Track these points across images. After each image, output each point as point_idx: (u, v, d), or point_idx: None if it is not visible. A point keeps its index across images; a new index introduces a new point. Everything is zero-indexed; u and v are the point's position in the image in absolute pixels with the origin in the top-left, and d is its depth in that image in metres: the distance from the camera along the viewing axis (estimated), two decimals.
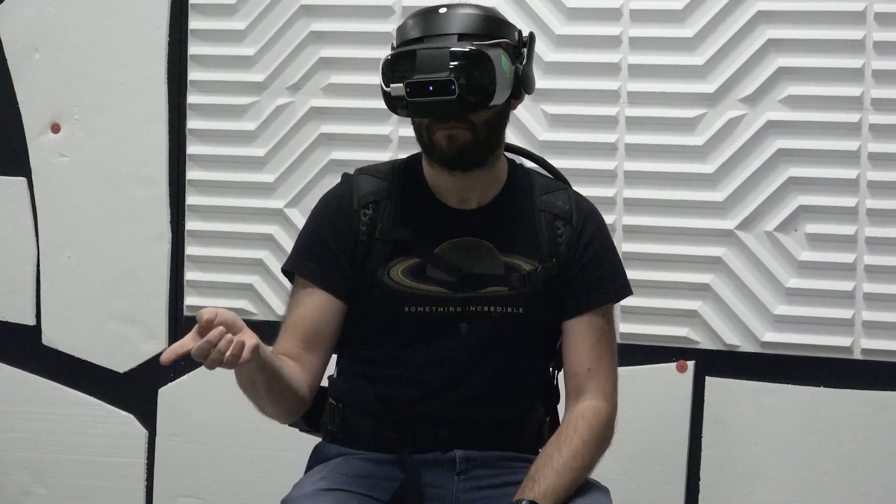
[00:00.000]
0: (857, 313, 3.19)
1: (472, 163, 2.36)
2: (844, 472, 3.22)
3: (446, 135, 2.32)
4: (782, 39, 3.20)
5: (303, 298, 2.42)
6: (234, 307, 3.51)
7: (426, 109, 2.30)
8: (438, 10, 2.36)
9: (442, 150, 2.34)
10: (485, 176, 2.42)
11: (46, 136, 3.70)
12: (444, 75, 2.24)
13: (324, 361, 2.44)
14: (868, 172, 3.17)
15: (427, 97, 2.26)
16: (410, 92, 2.26)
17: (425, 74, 2.26)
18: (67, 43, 3.68)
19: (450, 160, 2.35)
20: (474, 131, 2.33)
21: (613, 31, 3.31)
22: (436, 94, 2.25)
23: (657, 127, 3.29)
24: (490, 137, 2.36)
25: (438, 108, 2.28)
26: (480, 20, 2.35)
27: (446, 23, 2.33)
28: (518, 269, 2.41)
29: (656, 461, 3.32)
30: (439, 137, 2.33)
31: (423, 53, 2.27)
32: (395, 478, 2.38)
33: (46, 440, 3.73)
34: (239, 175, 3.58)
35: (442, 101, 2.26)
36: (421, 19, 2.36)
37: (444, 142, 2.33)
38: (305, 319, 2.40)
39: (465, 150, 2.33)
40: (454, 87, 2.24)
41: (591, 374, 2.42)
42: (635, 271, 3.07)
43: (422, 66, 2.26)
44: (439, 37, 2.31)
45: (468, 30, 2.33)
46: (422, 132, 2.36)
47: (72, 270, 3.70)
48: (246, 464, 3.59)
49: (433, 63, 2.26)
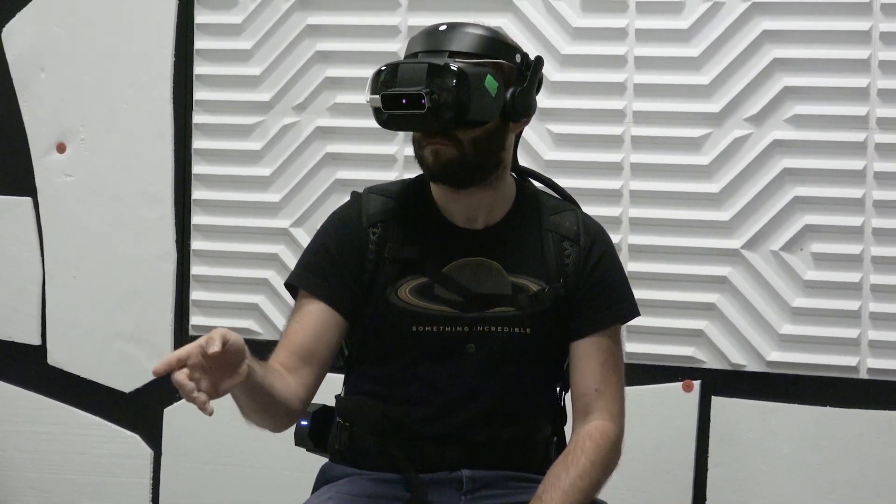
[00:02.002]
0: (863, 333, 3.19)
1: (459, 180, 2.36)
2: (851, 491, 3.21)
3: (432, 150, 2.33)
4: (788, 59, 3.21)
5: (304, 311, 2.41)
6: (239, 327, 3.54)
7: (398, 122, 2.33)
8: (439, 28, 2.37)
9: (428, 165, 2.35)
10: (490, 195, 2.42)
11: (52, 156, 3.71)
12: (417, 89, 2.25)
13: (319, 375, 2.41)
14: (874, 191, 3.18)
15: (399, 110, 2.28)
16: (385, 104, 2.28)
17: (400, 88, 2.27)
18: (73, 62, 3.69)
19: (434, 175, 2.36)
20: (460, 148, 2.32)
21: (619, 50, 3.32)
22: (408, 107, 2.27)
23: (663, 146, 3.29)
24: (478, 156, 2.34)
25: (409, 122, 2.31)
26: (476, 39, 2.35)
27: (442, 40, 2.34)
28: (526, 289, 2.40)
29: (662, 481, 3.31)
30: (426, 152, 2.34)
31: (404, 67, 2.29)
32: (402, 497, 2.37)
33: (52, 460, 3.73)
34: (244, 195, 3.59)
35: (412, 114, 2.27)
36: (421, 36, 2.38)
37: (430, 157, 2.34)
38: (304, 332, 2.38)
39: (450, 166, 2.33)
40: (424, 101, 2.25)
41: (599, 395, 2.41)
42: (641, 291, 3.05)
43: (400, 79, 2.28)
44: (432, 53, 2.33)
45: (461, 48, 2.33)
46: (414, 147, 2.39)
47: (77, 290, 3.70)
48: (252, 484, 3.58)
49: (410, 77, 2.27)
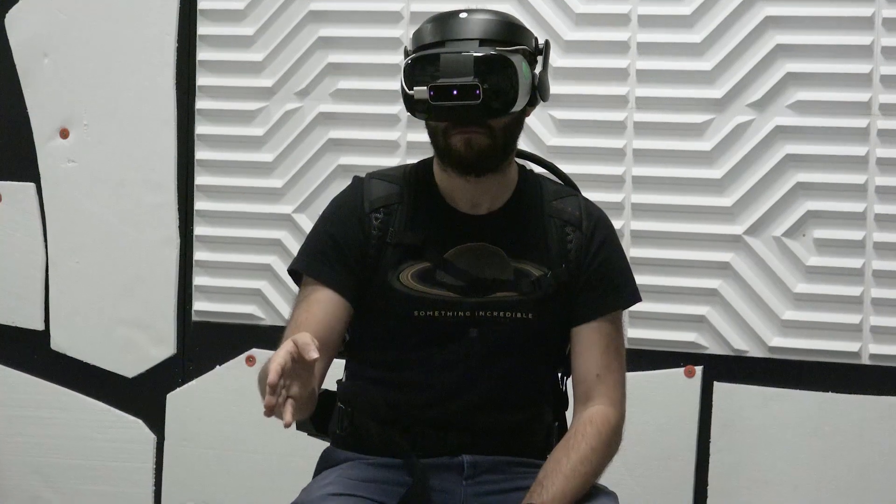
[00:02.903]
0: (864, 318, 3.19)
1: (488, 168, 2.36)
2: (853, 477, 3.21)
3: (464, 139, 2.32)
4: (790, 45, 3.20)
5: (310, 298, 2.41)
6: (242, 312, 3.56)
7: (449, 113, 2.29)
8: (459, 15, 2.35)
9: (459, 155, 2.33)
10: (497, 181, 2.42)
11: (55, 142, 3.71)
12: (469, 80, 2.24)
13: (329, 363, 2.42)
14: (876, 177, 3.18)
15: (451, 101, 2.26)
16: (434, 95, 2.26)
17: (450, 78, 2.25)
18: (76, 48, 3.68)
19: (466, 165, 2.34)
20: (492, 136, 2.33)
21: (622, 36, 3.31)
22: (460, 98, 2.25)
23: (665, 132, 3.29)
24: (506, 143, 2.36)
25: (462, 113, 2.28)
26: (501, 26, 2.35)
27: (468, 28, 2.33)
28: (528, 274, 2.41)
29: (664, 466, 3.32)
30: (457, 142, 2.32)
31: (448, 57, 2.27)
32: (403, 482, 2.38)
33: (55, 445, 3.74)
34: (247, 180, 3.59)
35: (466, 105, 2.26)
36: (441, 24, 2.36)
37: (461, 146, 2.32)
38: (315, 321, 2.37)
39: (483, 155, 2.33)
40: (479, 91, 2.24)
41: (600, 381, 2.42)
42: (643, 276, 3.07)
43: (446, 69, 2.26)
44: (461, 41, 2.31)
45: (489, 35, 2.32)
46: (438, 136, 2.36)
47: (80, 275, 3.71)
48: (254, 469, 3.59)
49: (458, 67, 2.25)
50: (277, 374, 1.96)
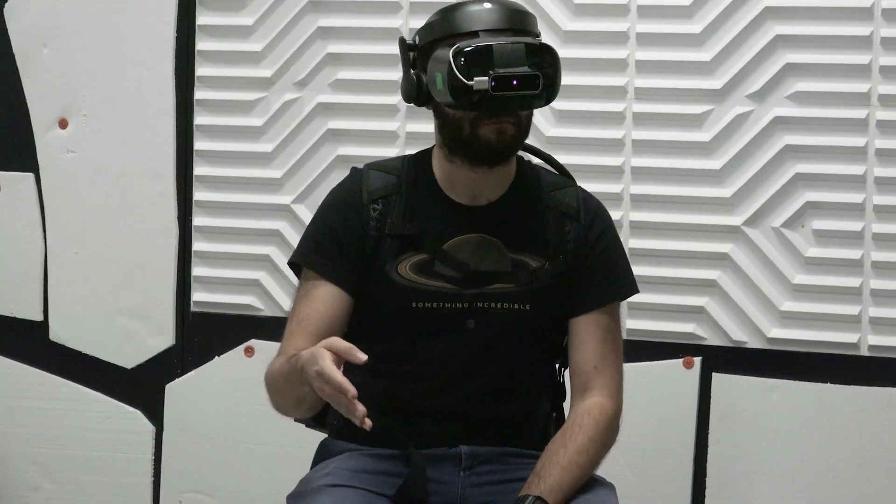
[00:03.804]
0: (864, 310, 3.19)
1: (508, 157, 2.39)
2: (852, 468, 3.21)
3: (496, 129, 2.31)
4: (790, 35, 3.20)
5: (312, 293, 2.42)
6: (241, 303, 3.56)
7: (506, 103, 2.27)
8: (484, 5, 2.34)
9: (489, 144, 2.32)
10: (500, 172, 2.42)
11: (54, 132, 3.71)
12: (528, 70, 2.24)
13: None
14: (875, 169, 3.17)
15: (512, 91, 2.25)
16: (496, 86, 2.24)
17: (507, 68, 2.24)
18: (75, 38, 3.68)
19: (494, 155, 2.34)
20: (520, 126, 2.34)
21: (621, 27, 3.31)
22: (520, 88, 2.24)
23: (664, 123, 3.29)
24: (526, 134, 2.39)
25: (521, 103, 2.28)
26: (527, 17, 2.37)
27: (500, 18, 2.32)
28: (525, 266, 2.41)
29: (663, 457, 3.32)
30: (487, 132, 2.31)
31: (502, 47, 2.25)
32: (401, 473, 2.38)
33: (54, 436, 3.74)
34: (246, 171, 3.59)
35: (524, 95, 2.25)
36: (467, 13, 2.33)
37: (492, 136, 2.31)
38: (318, 314, 2.39)
39: (510, 144, 2.35)
40: (538, 81, 2.25)
41: (597, 372, 2.42)
42: (642, 267, 3.07)
43: (501, 60, 2.24)
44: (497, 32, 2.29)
45: (521, 26, 2.33)
46: (464, 127, 2.33)
47: (79, 266, 3.70)
48: (252, 459, 3.59)
49: (513, 57, 2.24)
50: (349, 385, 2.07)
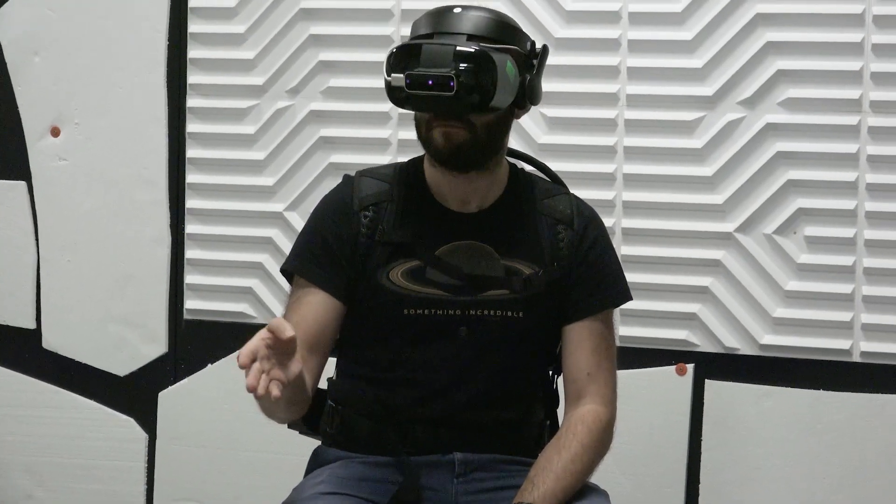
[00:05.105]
0: (856, 316, 3.19)
1: (468, 164, 2.36)
2: (845, 474, 3.22)
3: (443, 132, 2.32)
4: (781, 42, 3.20)
5: (303, 300, 2.42)
6: (233, 310, 3.55)
7: (423, 103, 2.30)
8: (452, 10, 2.36)
9: (438, 148, 2.34)
10: (486, 179, 2.42)
11: (46, 140, 3.70)
12: (445, 71, 2.25)
13: (323, 363, 2.43)
14: (867, 175, 3.18)
15: (425, 91, 2.27)
16: (410, 84, 2.27)
17: (427, 69, 2.26)
18: (67, 46, 3.68)
19: (444, 158, 2.35)
20: (472, 132, 2.33)
21: (612, 34, 3.31)
22: (434, 88, 2.26)
23: (656, 130, 3.29)
24: (489, 141, 2.36)
25: (435, 104, 2.29)
26: (492, 24, 2.36)
27: (458, 22, 2.34)
28: (519, 273, 2.41)
29: (656, 464, 3.32)
30: (436, 134, 2.33)
31: (428, 48, 2.28)
32: (394, 480, 2.38)
33: (46, 444, 3.74)
34: (239, 178, 3.59)
35: (439, 96, 2.26)
36: (434, 17, 2.37)
37: (440, 139, 2.33)
38: (308, 322, 2.39)
39: (461, 149, 2.33)
40: (453, 83, 2.25)
41: (591, 379, 2.42)
42: (634, 274, 3.08)
43: (425, 60, 2.27)
44: (449, 35, 2.32)
45: (478, 31, 2.33)
46: (421, 127, 2.37)
47: (72, 274, 3.70)
48: (246, 467, 3.59)
49: (436, 58, 2.27)
50: (247, 356, 2.00)
